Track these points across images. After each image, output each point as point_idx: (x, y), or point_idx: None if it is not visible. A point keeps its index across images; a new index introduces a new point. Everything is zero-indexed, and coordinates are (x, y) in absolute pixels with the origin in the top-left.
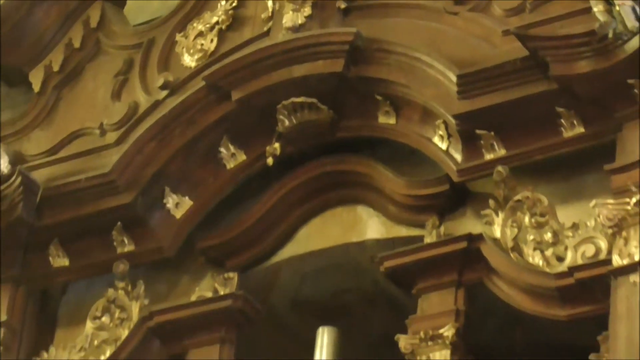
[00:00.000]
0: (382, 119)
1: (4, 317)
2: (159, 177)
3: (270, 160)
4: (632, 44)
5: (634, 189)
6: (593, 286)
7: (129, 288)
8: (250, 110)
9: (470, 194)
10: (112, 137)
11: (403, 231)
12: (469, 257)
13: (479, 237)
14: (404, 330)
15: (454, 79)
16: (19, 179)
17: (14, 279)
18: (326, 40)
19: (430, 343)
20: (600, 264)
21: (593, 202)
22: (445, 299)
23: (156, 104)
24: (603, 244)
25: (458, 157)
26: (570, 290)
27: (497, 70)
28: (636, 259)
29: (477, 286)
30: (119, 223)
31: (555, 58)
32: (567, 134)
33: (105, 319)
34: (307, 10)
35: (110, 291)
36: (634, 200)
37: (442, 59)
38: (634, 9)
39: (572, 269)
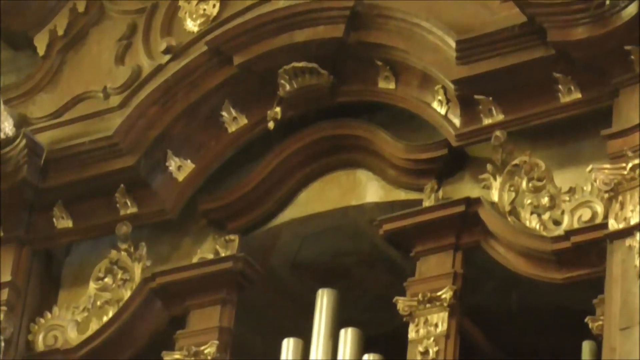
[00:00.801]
0: (381, 84)
1: (8, 278)
2: (161, 141)
3: (271, 124)
4: (629, 11)
5: (630, 154)
6: (589, 250)
7: (132, 249)
8: (251, 75)
9: (469, 159)
10: (115, 100)
11: (402, 195)
12: (467, 220)
13: (477, 201)
14: (403, 293)
15: (453, 44)
16: (24, 142)
17: (18, 240)
18: (327, 5)
19: (428, 305)
20: (597, 228)
21: (590, 167)
22: (443, 261)
23: (159, 68)
24: (599, 208)
25: (456, 121)
26: (566, 253)
27: (495, 36)
28: (632, 223)
29: (474, 249)
30: (122, 185)
31: (552, 24)
32: (564, 99)
33: (108, 280)
34: None
35: (113, 252)
36: (630, 165)
37: (442, 24)
38: None
39: (569, 233)
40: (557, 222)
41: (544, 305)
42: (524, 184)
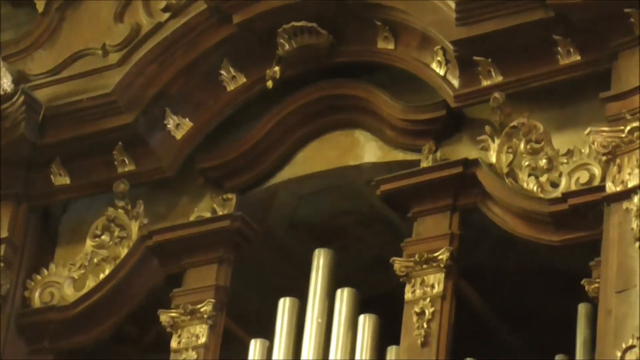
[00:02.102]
0: (381, 44)
1: (5, 234)
2: (159, 98)
3: (269, 83)
4: None
5: (628, 116)
6: (586, 212)
7: (129, 207)
8: (250, 34)
9: (467, 120)
10: (114, 58)
11: (400, 155)
12: (465, 182)
13: (475, 162)
14: (399, 253)
15: (453, 5)
16: (22, 98)
17: (16, 196)
18: None
19: (425, 266)
20: (594, 190)
21: (588, 130)
22: (440, 222)
23: (158, 26)
24: (597, 171)
25: (455, 83)
26: (563, 216)
27: None
28: (629, 185)
29: (471, 211)
30: (119, 143)
31: None
32: (563, 61)
33: (105, 237)
34: None
35: (110, 210)
36: (628, 127)
37: None
38: None
39: (566, 195)
40: (554, 184)
41: (540, 267)
42: (521, 145)
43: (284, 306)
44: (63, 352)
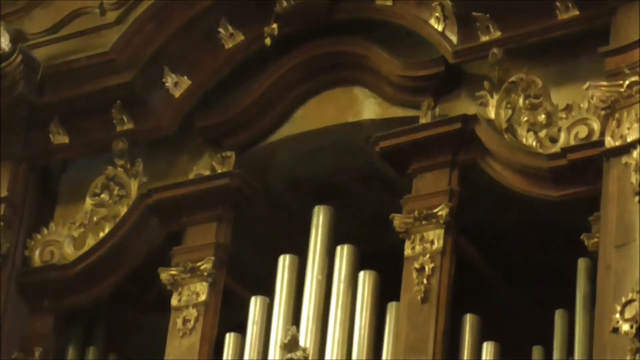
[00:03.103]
0: (379, 1)
1: (4, 193)
2: (158, 57)
3: (268, 41)
4: None
5: (627, 71)
6: (585, 167)
7: (128, 166)
8: None
9: (465, 76)
10: (112, 16)
11: (399, 112)
12: (464, 138)
13: (474, 118)
14: (399, 210)
15: None
16: (20, 57)
17: (15, 156)
18: None
19: (424, 222)
20: (593, 145)
21: (586, 84)
22: (440, 179)
23: None
24: (596, 126)
25: (454, 38)
26: (562, 171)
27: None
28: (628, 140)
29: (471, 167)
30: (118, 102)
31: None
32: (562, 16)
33: (104, 196)
34: None
35: (110, 169)
36: (627, 82)
37: None
38: None
39: (565, 150)
40: (553, 140)
41: (539, 223)
42: (520, 101)
43: (284, 263)
44: (63, 311)
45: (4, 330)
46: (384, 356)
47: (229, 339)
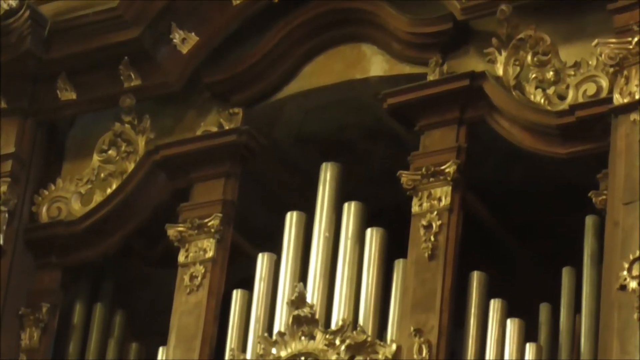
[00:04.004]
0: None
1: (12, 149)
2: (165, 13)
3: None
4: None
5: (636, 28)
6: (593, 124)
7: (136, 122)
8: None
9: (474, 33)
10: None
11: (406, 69)
12: (471, 94)
13: (482, 75)
14: (406, 167)
15: None
16: (27, 13)
17: (22, 111)
18: None
19: (431, 179)
20: (601, 102)
21: (595, 41)
22: (447, 136)
23: None
24: (604, 83)
25: None
26: (570, 128)
27: None
28: (637, 97)
29: (478, 123)
30: (125, 57)
31: None
32: None
33: (111, 152)
34: None
35: (117, 125)
36: (635, 39)
37: None
38: None
39: (573, 107)
40: (561, 97)
41: (547, 180)
42: (529, 58)
43: (291, 220)
44: (71, 267)
45: (11, 286)
46: (390, 313)
47: (236, 295)
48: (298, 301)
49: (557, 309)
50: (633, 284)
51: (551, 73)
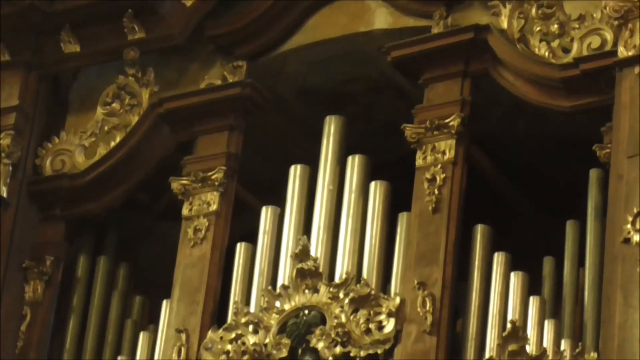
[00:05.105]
0: None
1: (15, 102)
2: None
3: None
4: None
5: None
6: (598, 77)
7: (139, 75)
8: None
9: None
10: None
11: (410, 21)
12: (476, 47)
13: (486, 28)
14: (410, 120)
15: None
16: None
17: (26, 64)
18: None
19: (436, 132)
20: (606, 55)
21: None
22: (451, 89)
23: None
24: (609, 36)
25: None
26: (575, 81)
27: None
28: None
29: (483, 76)
30: (129, 10)
31: None
32: None
33: (115, 105)
34: None
35: (121, 78)
36: None
37: None
38: None
39: (578, 60)
40: (566, 50)
41: (551, 133)
42: (533, 11)
43: (295, 173)
44: (75, 220)
45: (15, 239)
46: (394, 266)
47: (240, 248)
48: (302, 254)
49: (561, 262)
50: (637, 237)
51: (556, 26)
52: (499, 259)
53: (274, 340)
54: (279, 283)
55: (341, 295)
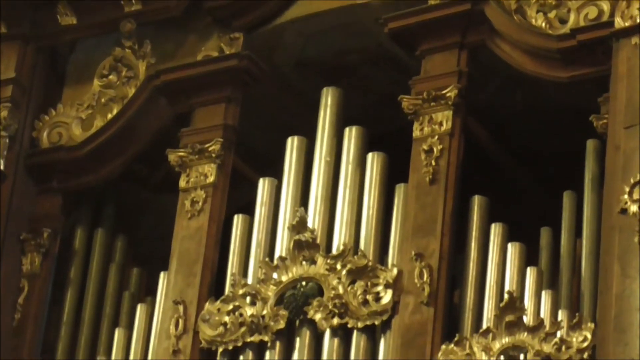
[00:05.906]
0: None
1: (12, 74)
2: None
3: None
4: None
5: None
6: (595, 48)
7: (136, 47)
8: None
9: None
10: None
11: None
12: (473, 18)
13: None
14: (407, 91)
15: None
16: None
17: (23, 36)
18: None
19: (433, 104)
20: (603, 26)
21: None
22: (448, 60)
23: None
24: (606, 6)
25: None
26: (572, 52)
27: None
28: (638, 21)
29: (480, 48)
30: None
31: None
32: None
33: (112, 77)
34: None
35: (118, 50)
36: None
37: None
38: None
39: (575, 31)
40: (563, 20)
41: (548, 104)
42: None
43: (292, 145)
44: (72, 192)
45: (12, 211)
46: (391, 237)
47: (237, 220)
48: (299, 226)
49: (558, 232)
50: (634, 208)
51: None
52: (496, 230)
53: (271, 312)
54: (277, 255)
55: (338, 266)
